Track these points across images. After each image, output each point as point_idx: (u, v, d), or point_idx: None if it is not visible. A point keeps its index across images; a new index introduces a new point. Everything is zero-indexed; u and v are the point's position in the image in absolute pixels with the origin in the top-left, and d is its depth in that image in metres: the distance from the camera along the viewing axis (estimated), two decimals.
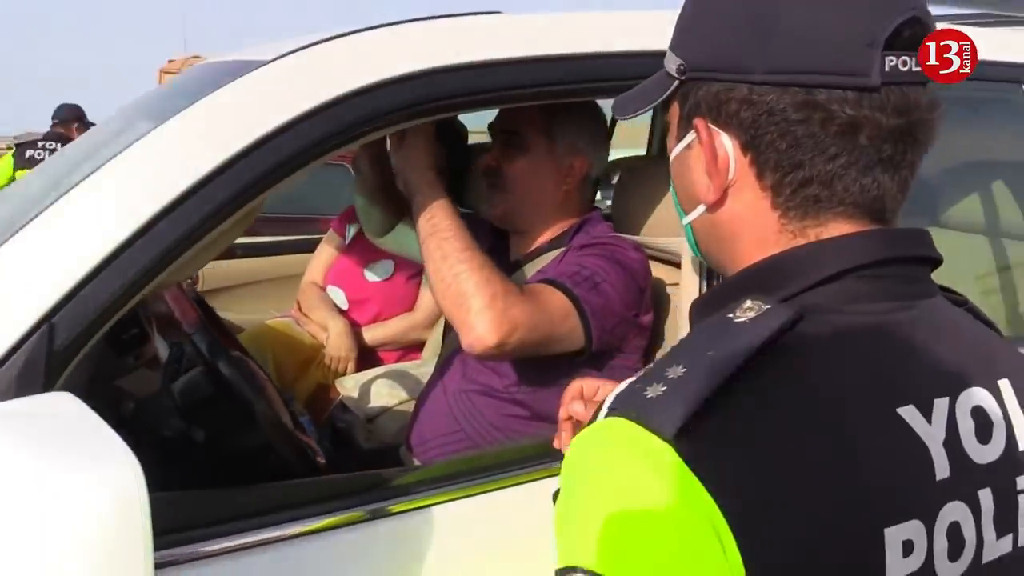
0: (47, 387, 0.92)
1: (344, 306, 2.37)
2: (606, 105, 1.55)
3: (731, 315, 0.60)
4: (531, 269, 1.45)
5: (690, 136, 0.70)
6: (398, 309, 2.36)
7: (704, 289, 1.28)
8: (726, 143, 0.67)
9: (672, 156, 0.75)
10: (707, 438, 0.54)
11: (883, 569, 0.55)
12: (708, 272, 1.27)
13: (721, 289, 0.70)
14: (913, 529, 0.57)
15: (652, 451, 0.54)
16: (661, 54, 0.74)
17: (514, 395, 1.39)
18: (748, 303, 0.61)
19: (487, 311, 1.17)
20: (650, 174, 1.67)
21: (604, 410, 0.58)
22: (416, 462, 1.50)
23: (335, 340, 2.25)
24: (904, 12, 0.62)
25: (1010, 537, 0.63)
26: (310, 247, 2.66)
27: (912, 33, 0.62)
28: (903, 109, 0.63)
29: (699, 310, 0.71)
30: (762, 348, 0.57)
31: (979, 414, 0.63)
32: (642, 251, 1.42)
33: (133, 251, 0.95)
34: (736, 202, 0.68)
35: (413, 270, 2.37)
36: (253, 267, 2.63)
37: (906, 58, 0.62)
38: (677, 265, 1.55)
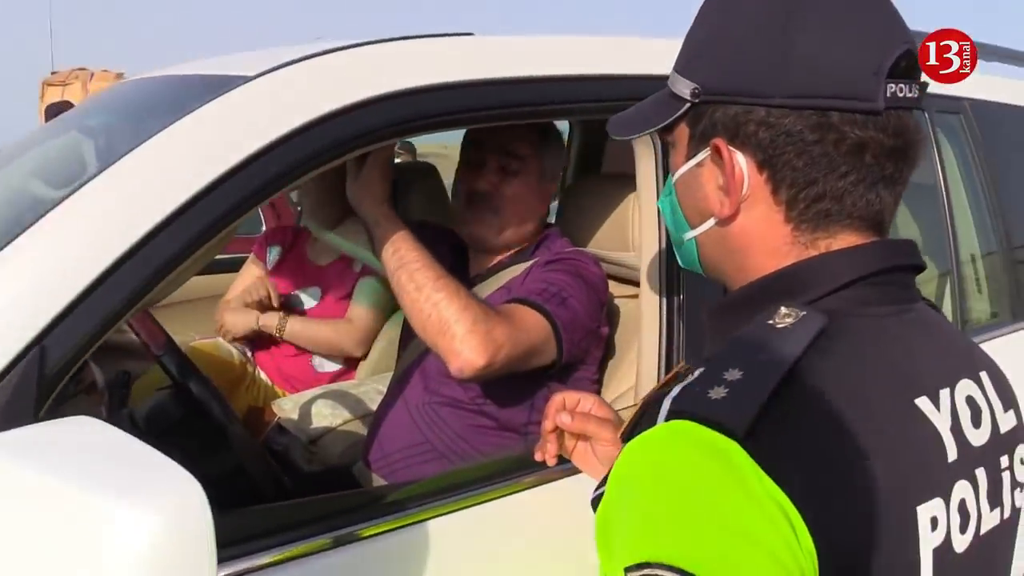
0: (37, 412, 0.88)
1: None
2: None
3: (771, 321, 0.66)
4: (493, 283, 1.49)
5: (702, 154, 0.75)
6: None
7: (664, 303, 1.34)
8: (741, 161, 0.72)
9: (679, 173, 0.80)
10: (769, 435, 0.59)
11: (917, 543, 0.62)
12: (668, 287, 1.33)
13: (741, 297, 0.75)
14: (937, 507, 0.64)
15: (722, 450, 0.58)
16: (633, 78, 0.78)
17: (480, 406, 1.41)
18: (784, 310, 0.66)
19: (471, 336, 1.20)
20: (593, 191, 1.74)
21: (664, 413, 0.62)
22: (377, 478, 1.49)
23: (255, 283, 2.26)
24: (902, 44, 0.69)
25: (998, 510, 0.71)
26: (232, 267, 2.60)
27: (907, 63, 0.70)
28: (900, 131, 0.71)
29: (720, 314, 0.77)
30: (805, 351, 0.63)
31: (971, 402, 0.71)
32: (600, 265, 1.48)
33: (124, 271, 0.93)
34: (747, 216, 0.74)
35: (341, 292, 2.33)
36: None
37: (903, 85, 0.69)
38: (624, 280, 1.62)
